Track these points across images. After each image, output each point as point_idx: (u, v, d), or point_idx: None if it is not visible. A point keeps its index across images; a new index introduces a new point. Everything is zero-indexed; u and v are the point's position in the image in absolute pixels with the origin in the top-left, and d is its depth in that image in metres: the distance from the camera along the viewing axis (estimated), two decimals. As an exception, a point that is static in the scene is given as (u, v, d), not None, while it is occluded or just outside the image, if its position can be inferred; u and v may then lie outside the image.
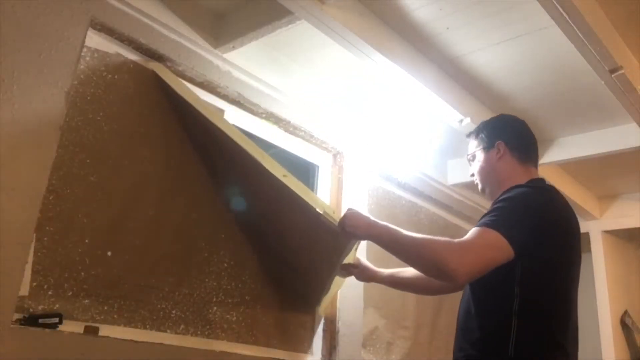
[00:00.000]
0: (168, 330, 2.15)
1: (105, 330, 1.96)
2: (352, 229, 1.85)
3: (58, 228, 1.91)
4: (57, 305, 1.87)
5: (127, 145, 2.15)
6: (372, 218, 1.87)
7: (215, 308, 2.32)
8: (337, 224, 1.95)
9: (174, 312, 2.18)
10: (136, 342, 2.00)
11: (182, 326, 2.20)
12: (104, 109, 2.10)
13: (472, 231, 1.70)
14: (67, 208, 1.94)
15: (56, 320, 1.82)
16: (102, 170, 2.06)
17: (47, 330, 1.79)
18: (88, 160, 2.03)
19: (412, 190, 3.67)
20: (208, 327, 2.29)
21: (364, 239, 1.94)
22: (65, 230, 1.93)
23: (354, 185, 3.16)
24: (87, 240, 1.98)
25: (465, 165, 4.05)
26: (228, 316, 2.36)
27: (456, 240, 1.64)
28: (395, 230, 1.78)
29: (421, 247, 1.66)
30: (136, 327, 2.06)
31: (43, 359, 1.74)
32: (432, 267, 1.63)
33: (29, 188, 1.78)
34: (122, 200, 2.10)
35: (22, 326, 1.75)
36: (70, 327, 1.87)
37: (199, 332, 2.25)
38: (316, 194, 3.13)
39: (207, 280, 2.32)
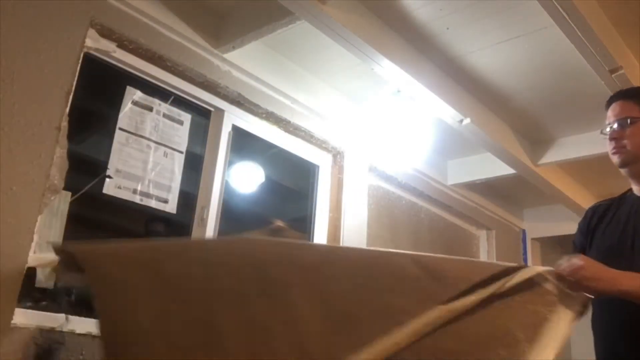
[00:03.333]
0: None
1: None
2: (594, 282, 1.48)
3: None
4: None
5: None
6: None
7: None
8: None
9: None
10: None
11: None
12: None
13: None
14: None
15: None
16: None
17: (47, 330, 1.79)
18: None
19: (412, 190, 3.67)
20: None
21: (605, 293, 1.54)
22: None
23: (354, 185, 3.16)
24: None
25: (464, 165, 4.10)
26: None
27: None
28: None
29: None
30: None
31: (43, 359, 1.74)
32: None
33: (28, 188, 1.78)
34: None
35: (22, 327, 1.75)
36: (70, 327, 1.87)
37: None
38: (316, 194, 3.13)
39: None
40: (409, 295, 1.33)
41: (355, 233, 3.10)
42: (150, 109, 2.40)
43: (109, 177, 2.21)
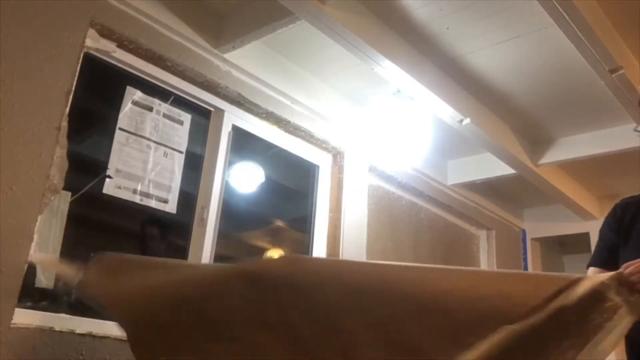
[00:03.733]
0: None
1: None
2: None
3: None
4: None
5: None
6: None
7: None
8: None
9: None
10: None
11: None
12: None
13: None
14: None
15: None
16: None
17: (47, 330, 1.79)
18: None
19: (412, 190, 3.67)
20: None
21: None
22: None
23: (354, 185, 3.16)
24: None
25: (464, 165, 4.10)
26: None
27: None
28: None
29: None
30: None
31: (43, 359, 1.74)
32: None
33: (28, 188, 1.78)
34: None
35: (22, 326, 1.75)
36: (70, 327, 1.87)
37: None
38: (316, 194, 3.13)
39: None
40: (474, 317, 1.29)
41: (355, 233, 3.10)
42: (150, 109, 2.41)
43: (109, 177, 2.21)
